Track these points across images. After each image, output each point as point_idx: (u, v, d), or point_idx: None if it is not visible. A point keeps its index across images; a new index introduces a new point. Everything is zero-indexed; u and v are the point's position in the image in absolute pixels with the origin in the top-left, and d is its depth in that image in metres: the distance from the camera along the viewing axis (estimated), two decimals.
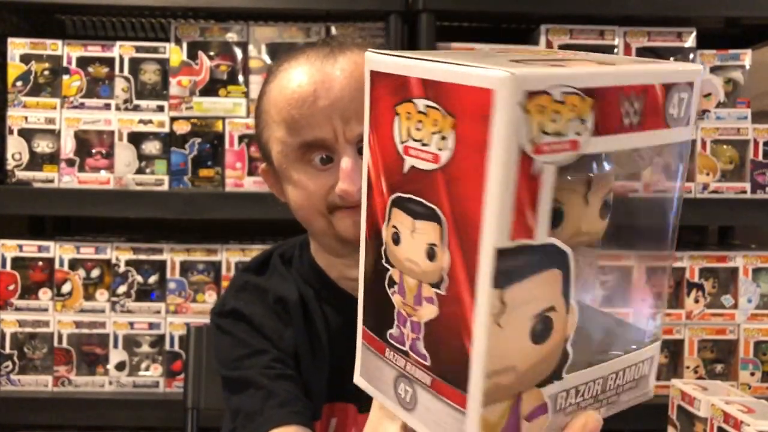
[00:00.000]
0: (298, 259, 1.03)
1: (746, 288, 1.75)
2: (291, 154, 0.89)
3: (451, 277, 0.42)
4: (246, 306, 0.97)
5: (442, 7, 1.69)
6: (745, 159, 1.76)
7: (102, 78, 1.76)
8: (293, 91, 0.87)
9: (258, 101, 0.95)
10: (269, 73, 0.94)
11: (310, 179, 0.89)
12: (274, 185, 0.99)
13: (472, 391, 0.41)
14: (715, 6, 1.73)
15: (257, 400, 0.89)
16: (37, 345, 1.74)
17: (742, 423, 1.20)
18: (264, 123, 0.93)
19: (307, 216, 0.92)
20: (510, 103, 0.38)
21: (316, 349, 0.97)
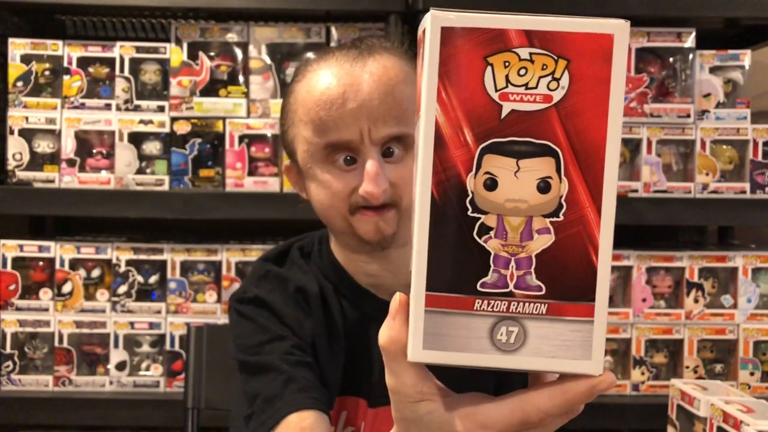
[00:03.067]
0: (317, 253, 1.04)
1: (746, 288, 1.75)
2: (316, 153, 0.90)
3: (570, 202, 0.47)
4: (268, 294, 0.98)
5: (442, 8, 1.69)
6: (744, 159, 1.77)
7: (102, 78, 1.76)
8: (322, 92, 0.88)
9: (284, 99, 0.96)
10: (297, 73, 0.95)
11: (334, 179, 0.90)
12: (297, 183, 1.00)
13: (601, 296, 0.47)
14: (715, 6, 1.73)
15: (278, 384, 0.89)
16: (37, 345, 1.74)
17: (741, 423, 1.20)
18: (290, 121, 0.94)
19: (329, 215, 0.93)
20: (625, 45, 0.48)
21: (332, 341, 0.98)
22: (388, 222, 0.90)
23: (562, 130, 0.47)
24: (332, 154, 0.89)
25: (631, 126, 1.74)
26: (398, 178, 0.89)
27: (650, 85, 1.75)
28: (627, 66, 1.74)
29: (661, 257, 1.75)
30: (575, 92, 0.47)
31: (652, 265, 1.75)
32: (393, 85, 0.88)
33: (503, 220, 0.48)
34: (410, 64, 0.92)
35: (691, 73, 1.76)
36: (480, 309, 0.49)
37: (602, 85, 0.46)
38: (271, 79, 1.75)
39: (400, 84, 0.89)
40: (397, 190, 0.89)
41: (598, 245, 0.47)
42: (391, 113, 0.87)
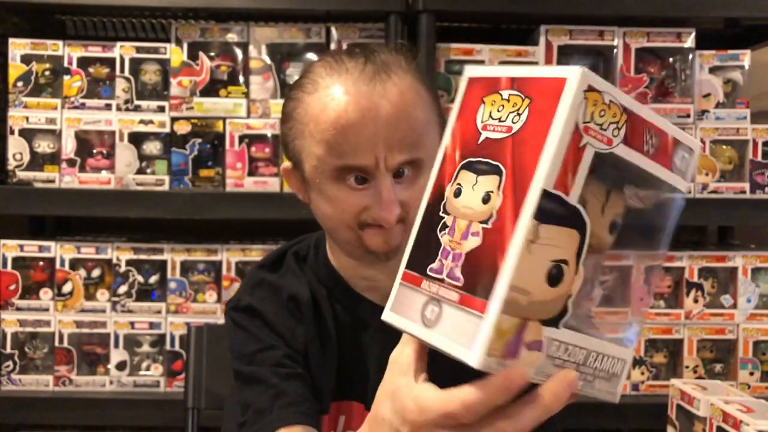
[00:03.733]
0: (313, 257, 1.04)
1: (745, 288, 1.76)
2: (327, 171, 0.89)
3: (499, 214, 0.54)
4: (260, 303, 0.99)
5: (442, 8, 1.69)
6: (744, 159, 1.77)
7: (103, 78, 1.76)
8: (339, 115, 0.86)
9: (290, 105, 0.93)
10: (306, 81, 0.91)
11: (344, 197, 0.90)
12: (297, 187, 0.98)
13: (494, 297, 0.52)
14: (715, 6, 1.73)
15: (267, 398, 0.91)
16: (37, 345, 1.74)
17: (741, 422, 1.20)
18: (298, 132, 0.92)
19: (335, 227, 0.93)
20: (577, 88, 0.52)
21: (325, 346, 0.98)
22: (396, 236, 0.90)
23: (511, 154, 0.55)
24: (344, 173, 0.89)
25: None
26: (408, 198, 0.89)
27: (650, 85, 1.75)
28: (627, 66, 1.75)
29: None
30: (528, 125, 0.55)
31: None
32: (409, 112, 0.88)
33: (456, 222, 0.58)
34: (421, 81, 0.92)
35: (691, 73, 1.76)
36: (423, 288, 0.59)
37: (547, 119, 0.53)
38: (271, 79, 1.75)
39: (415, 109, 0.89)
40: (406, 207, 0.89)
41: (505, 253, 0.53)
42: (406, 140, 0.88)
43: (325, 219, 0.94)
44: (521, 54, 1.74)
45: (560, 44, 1.73)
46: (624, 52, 1.74)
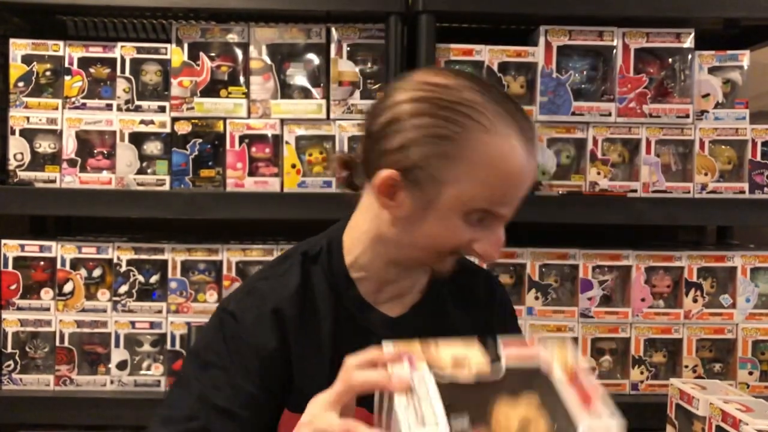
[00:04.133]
0: (326, 260, 1.05)
1: (744, 287, 1.76)
2: (467, 207, 0.91)
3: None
4: (243, 312, 1.00)
5: (442, 9, 1.69)
6: (743, 159, 1.77)
7: (103, 79, 1.77)
8: (514, 172, 0.90)
9: (446, 126, 0.90)
10: (473, 112, 0.90)
11: (461, 229, 0.92)
12: (393, 195, 0.94)
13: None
14: (714, 7, 1.74)
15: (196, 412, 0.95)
16: (38, 344, 1.75)
17: (740, 422, 1.21)
18: (450, 155, 0.89)
19: (428, 246, 0.95)
20: None
21: (316, 353, 1.00)
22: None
23: None
24: (478, 212, 0.92)
25: (630, 126, 1.75)
26: None
27: (649, 85, 1.75)
28: (626, 66, 1.76)
29: (660, 257, 1.76)
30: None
31: (651, 265, 1.76)
32: None
33: None
34: None
35: (690, 74, 1.76)
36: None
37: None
38: (272, 79, 1.76)
39: None
40: None
41: None
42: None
43: (424, 237, 0.94)
44: (521, 54, 1.75)
45: (560, 44, 1.74)
46: (623, 53, 1.74)
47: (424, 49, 1.69)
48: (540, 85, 1.73)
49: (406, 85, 0.94)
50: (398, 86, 0.95)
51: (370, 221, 1.00)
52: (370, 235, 1.00)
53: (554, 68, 1.73)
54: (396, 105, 0.92)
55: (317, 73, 1.77)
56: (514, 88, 1.76)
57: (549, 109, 1.73)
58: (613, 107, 1.74)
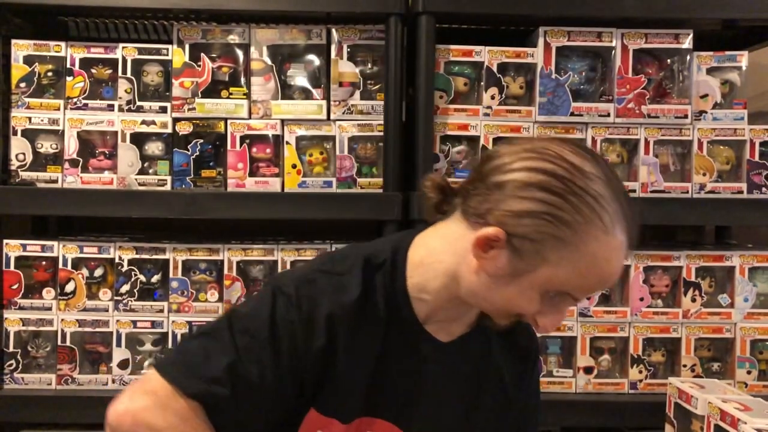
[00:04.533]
0: (389, 274, 1.02)
1: (743, 287, 1.77)
2: (552, 288, 0.92)
3: None
4: (298, 300, 0.97)
5: (442, 10, 1.70)
6: (741, 159, 1.78)
7: (105, 79, 1.77)
8: (614, 272, 0.92)
9: (573, 215, 0.88)
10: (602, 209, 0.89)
11: (536, 302, 0.93)
12: (488, 250, 0.93)
13: None
14: (712, 8, 1.75)
15: (223, 376, 0.92)
16: (40, 344, 1.75)
17: (738, 421, 1.21)
18: (563, 239, 0.89)
19: (501, 305, 0.96)
20: None
21: (361, 361, 0.99)
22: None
23: None
24: (558, 293, 0.94)
25: (628, 126, 1.76)
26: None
27: (648, 86, 1.76)
28: (625, 67, 1.77)
29: (659, 257, 1.77)
30: None
31: (650, 265, 1.77)
32: None
33: None
34: None
35: (689, 74, 1.77)
36: None
37: None
38: (272, 80, 1.76)
39: None
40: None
41: None
42: None
43: (500, 298, 0.95)
44: (520, 55, 1.76)
45: (559, 45, 1.74)
46: (622, 53, 1.75)
47: (423, 50, 1.70)
48: (539, 85, 1.74)
49: (540, 151, 0.91)
50: (531, 148, 0.92)
51: (451, 255, 0.97)
52: (446, 267, 0.98)
53: (553, 69, 1.74)
54: (527, 170, 0.90)
55: (318, 73, 1.78)
56: (514, 88, 1.77)
57: (548, 110, 1.74)
58: (611, 108, 1.75)
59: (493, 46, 1.75)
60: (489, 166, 0.94)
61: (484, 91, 1.75)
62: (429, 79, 1.71)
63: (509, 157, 0.93)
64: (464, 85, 1.77)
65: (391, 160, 1.71)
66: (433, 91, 1.72)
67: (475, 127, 1.75)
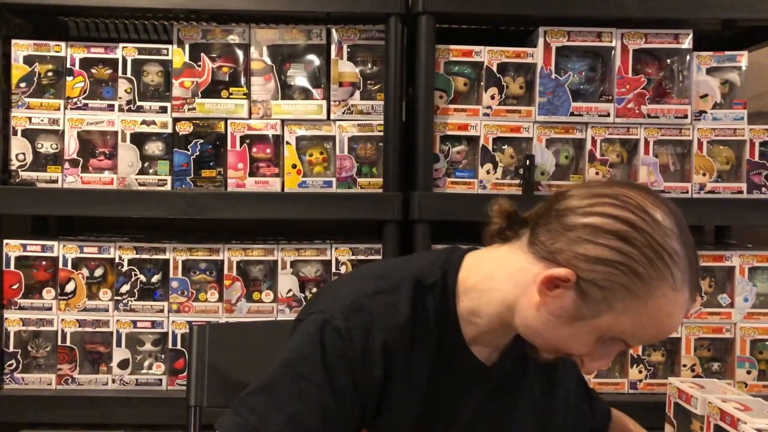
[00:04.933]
0: (439, 297, 1.01)
1: (742, 287, 1.77)
2: (609, 335, 0.92)
3: None
4: (348, 332, 0.95)
5: (442, 10, 1.70)
6: (741, 159, 1.78)
7: (105, 79, 1.78)
8: (674, 327, 0.92)
9: (647, 269, 0.88)
10: (674, 266, 0.88)
11: (587, 346, 0.93)
12: (553, 288, 0.92)
13: None
14: (712, 8, 1.74)
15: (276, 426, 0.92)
16: (40, 343, 1.76)
17: (738, 421, 1.21)
18: (630, 298, 0.88)
19: (547, 341, 0.95)
20: None
21: (412, 386, 0.99)
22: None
23: None
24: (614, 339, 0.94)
25: (628, 127, 1.76)
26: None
27: (648, 86, 1.76)
28: (625, 67, 1.76)
29: None
30: None
31: None
32: None
33: None
34: None
35: (689, 74, 1.77)
36: None
37: None
38: (273, 80, 1.77)
39: None
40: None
41: None
42: None
43: (555, 336, 0.94)
44: (520, 55, 1.76)
45: (558, 45, 1.74)
46: (622, 54, 1.75)
47: (423, 50, 1.70)
48: (539, 85, 1.74)
49: (622, 198, 0.90)
50: (613, 194, 0.91)
51: (511, 285, 0.96)
52: (504, 297, 0.97)
53: (553, 69, 1.74)
54: (607, 216, 0.89)
55: (318, 73, 1.78)
56: (513, 88, 1.77)
57: (548, 110, 1.74)
58: (611, 108, 1.75)
59: (493, 46, 1.75)
60: (564, 205, 0.93)
61: (484, 91, 1.75)
62: (429, 79, 1.71)
63: (588, 199, 0.92)
64: (464, 85, 1.77)
65: (391, 160, 1.71)
66: (433, 91, 1.72)
67: (475, 127, 1.75)
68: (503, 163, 1.77)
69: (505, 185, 1.76)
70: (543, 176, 1.75)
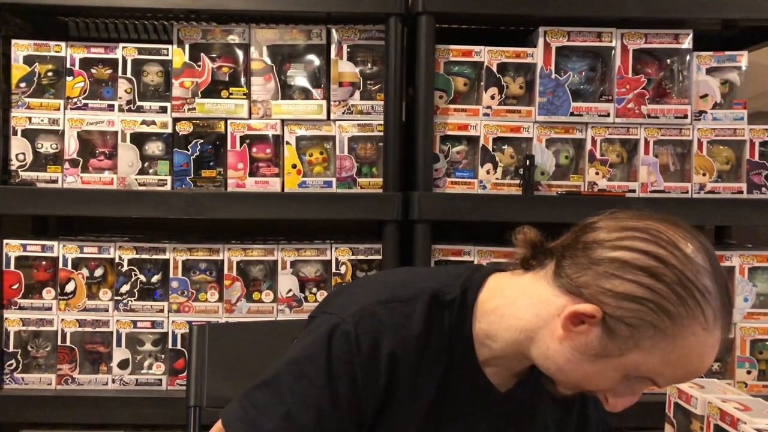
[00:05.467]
0: (456, 314, 0.98)
1: (743, 287, 1.77)
2: (636, 374, 0.89)
3: None
4: (358, 338, 0.94)
5: (442, 10, 1.70)
6: (741, 159, 1.78)
7: (105, 79, 1.78)
8: (703, 368, 0.88)
9: (676, 307, 0.85)
10: (705, 304, 0.85)
11: (611, 383, 0.90)
12: (578, 324, 0.89)
13: None
14: (712, 8, 1.75)
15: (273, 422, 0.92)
16: (40, 344, 1.75)
17: (738, 421, 1.21)
18: (658, 336, 0.85)
19: (567, 376, 0.92)
20: None
21: (417, 402, 0.97)
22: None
23: None
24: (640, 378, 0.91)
25: (628, 127, 1.76)
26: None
27: (648, 86, 1.76)
28: (625, 67, 1.76)
29: None
30: None
31: None
32: None
33: None
34: None
35: (689, 75, 1.77)
36: None
37: None
38: (273, 80, 1.77)
39: None
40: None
41: None
42: None
43: (577, 372, 0.91)
44: (520, 55, 1.76)
45: (558, 45, 1.74)
46: (622, 54, 1.75)
47: (423, 50, 1.70)
48: (539, 85, 1.74)
49: (653, 233, 0.87)
50: (643, 228, 0.88)
51: (533, 315, 0.92)
52: (524, 326, 0.94)
53: (553, 69, 1.74)
54: (636, 251, 0.86)
55: (318, 73, 1.78)
56: (513, 88, 1.77)
57: (548, 110, 1.74)
58: (611, 108, 1.75)
59: (493, 46, 1.75)
60: (591, 237, 0.90)
61: (484, 91, 1.75)
62: (429, 79, 1.71)
63: (617, 232, 0.88)
64: (464, 85, 1.77)
65: (391, 160, 1.71)
66: (433, 91, 1.72)
67: (475, 127, 1.75)
68: (503, 163, 1.77)
69: (505, 185, 1.76)
70: (543, 176, 1.75)
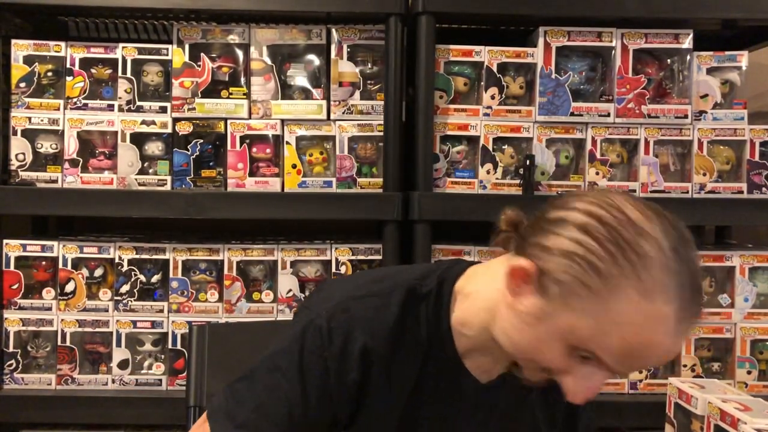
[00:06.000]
0: (432, 308, 0.97)
1: (743, 287, 1.77)
2: (576, 344, 0.83)
3: None
4: (330, 332, 0.94)
5: (442, 10, 1.70)
6: (741, 159, 1.78)
7: (105, 79, 1.77)
8: (648, 347, 0.80)
9: (607, 271, 0.80)
10: (645, 272, 0.79)
11: (558, 357, 0.85)
12: (519, 286, 0.87)
13: None
14: (712, 8, 1.75)
15: (247, 412, 0.93)
16: (40, 344, 1.75)
17: (738, 421, 1.21)
18: (588, 297, 0.81)
19: (520, 350, 0.89)
20: None
21: (393, 397, 0.96)
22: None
23: None
24: (585, 352, 0.85)
25: (629, 127, 1.76)
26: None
27: (648, 86, 1.76)
28: (625, 67, 1.76)
29: None
30: None
31: None
32: None
33: None
34: None
35: (689, 74, 1.77)
36: None
37: None
38: (272, 80, 1.76)
39: None
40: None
41: None
42: None
43: (525, 342, 0.88)
44: (520, 55, 1.76)
45: (558, 45, 1.74)
46: (622, 53, 1.75)
47: (423, 50, 1.70)
48: (539, 85, 1.74)
49: (602, 199, 0.84)
50: (598, 195, 0.86)
51: (495, 290, 0.91)
52: (487, 304, 0.92)
53: (553, 69, 1.74)
54: (578, 211, 0.84)
55: (318, 73, 1.78)
56: (514, 88, 1.77)
57: (548, 110, 1.74)
58: (611, 108, 1.75)
59: (493, 46, 1.75)
60: (552, 204, 0.88)
61: (484, 91, 1.75)
62: (429, 79, 1.71)
63: (573, 199, 0.87)
64: (464, 85, 1.77)
65: (391, 160, 1.71)
66: (433, 91, 1.72)
67: (475, 127, 1.75)
68: (503, 163, 1.77)
69: (505, 185, 1.75)
70: (543, 176, 1.75)
